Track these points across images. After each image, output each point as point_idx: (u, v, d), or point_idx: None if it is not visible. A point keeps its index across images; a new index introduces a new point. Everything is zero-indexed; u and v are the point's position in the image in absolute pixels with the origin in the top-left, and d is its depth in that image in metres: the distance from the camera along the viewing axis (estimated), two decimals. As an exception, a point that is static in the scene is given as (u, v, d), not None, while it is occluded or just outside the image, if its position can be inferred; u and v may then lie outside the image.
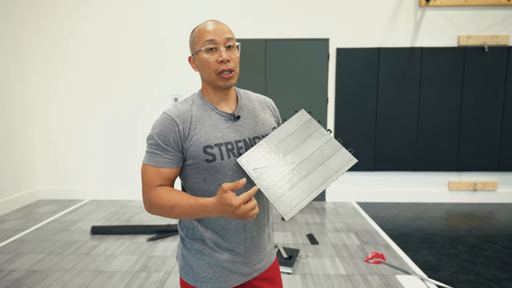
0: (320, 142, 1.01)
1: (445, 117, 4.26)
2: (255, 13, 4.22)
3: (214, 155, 0.98)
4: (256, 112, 1.10)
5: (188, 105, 1.03)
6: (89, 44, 4.34)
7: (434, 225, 3.55)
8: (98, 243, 3.08)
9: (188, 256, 1.06)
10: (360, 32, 4.22)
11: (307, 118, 1.04)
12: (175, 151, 0.98)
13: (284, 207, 0.92)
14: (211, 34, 0.96)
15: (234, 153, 1.00)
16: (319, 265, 2.63)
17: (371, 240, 3.13)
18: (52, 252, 2.88)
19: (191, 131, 0.98)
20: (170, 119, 0.98)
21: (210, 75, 0.98)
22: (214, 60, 0.97)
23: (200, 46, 0.98)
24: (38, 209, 4.12)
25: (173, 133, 0.97)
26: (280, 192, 0.94)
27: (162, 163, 0.97)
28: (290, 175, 0.96)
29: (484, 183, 4.33)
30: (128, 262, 2.71)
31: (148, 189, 0.99)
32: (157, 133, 0.98)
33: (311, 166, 0.97)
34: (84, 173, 4.50)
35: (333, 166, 0.98)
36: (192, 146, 0.98)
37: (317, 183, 0.95)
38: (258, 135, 1.06)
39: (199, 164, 0.98)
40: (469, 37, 4.16)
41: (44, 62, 4.37)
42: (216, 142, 0.99)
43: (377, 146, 4.31)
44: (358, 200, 4.43)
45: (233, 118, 1.04)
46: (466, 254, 2.83)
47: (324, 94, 4.30)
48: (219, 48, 0.97)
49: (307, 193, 0.94)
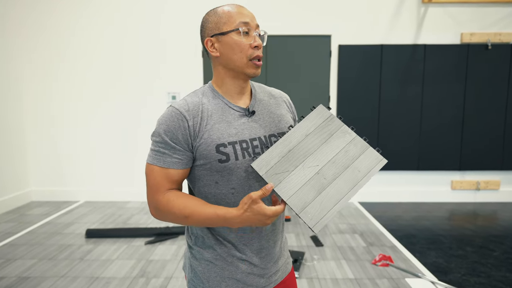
0: (344, 141, 0.89)
1: (448, 115, 4.20)
2: (255, 9, 4.11)
3: (228, 155, 0.87)
4: (272, 107, 0.99)
5: (198, 98, 0.91)
6: (86, 46, 4.19)
7: (439, 225, 3.48)
8: (93, 247, 2.94)
9: (198, 267, 0.95)
10: (363, 29, 4.14)
11: (327, 114, 0.92)
12: (184, 150, 0.87)
13: (311, 218, 0.81)
14: (246, 17, 0.88)
15: (249, 152, 0.89)
16: (325, 268, 2.53)
17: (376, 241, 3.05)
18: (44, 257, 2.74)
19: (202, 127, 0.87)
20: (178, 114, 0.86)
21: (241, 60, 0.88)
22: (248, 44, 0.88)
23: (232, 27, 0.87)
24: (30, 211, 3.96)
25: (182, 129, 0.85)
26: (304, 200, 0.83)
27: (170, 163, 0.86)
28: (314, 180, 0.85)
29: (487, 182, 4.28)
30: (126, 267, 2.58)
31: (155, 193, 0.87)
32: (164, 129, 0.86)
33: (337, 169, 0.86)
34: (78, 173, 4.35)
35: (362, 168, 0.87)
36: (204, 145, 0.86)
37: (346, 188, 0.85)
38: (274, 133, 0.95)
39: (211, 165, 0.87)
40: (472, 34, 4.10)
41: (35, 61, 4.21)
42: (230, 140, 0.88)
43: (379, 145, 4.23)
44: (361, 200, 4.35)
45: (247, 114, 0.93)
46: (474, 256, 2.76)
47: (326, 92, 4.21)
48: (251, 33, 0.88)
49: (336, 200, 0.83)
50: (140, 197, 4.35)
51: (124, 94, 4.25)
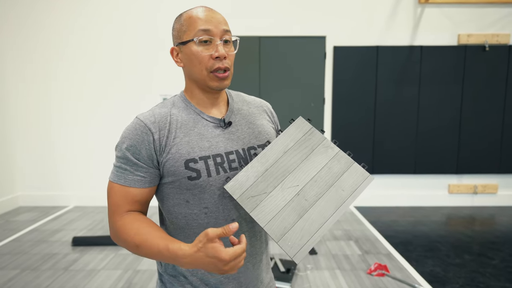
0: (327, 157, 0.81)
1: (445, 117, 4.12)
2: (249, 9, 4.02)
3: (198, 171, 0.78)
4: (251, 117, 0.90)
5: (167, 109, 0.82)
6: (78, 47, 4.08)
7: (436, 231, 3.40)
8: (79, 256, 2.84)
9: None
10: (358, 30, 4.06)
11: (307, 127, 0.84)
12: (148, 167, 0.78)
13: (292, 246, 0.72)
14: (206, 23, 0.78)
15: (224, 167, 0.80)
16: (319, 278, 2.45)
17: (372, 249, 2.96)
18: (27, 267, 2.63)
19: (170, 141, 0.78)
20: (143, 126, 0.78)
21: (201, 72, 0.80)
22: (208, 55, 0.78)
23: (190, 36, 0.78)
24: (17, 217, 3.85)
25: (146, 143, 0.77)
26: (284, 225, 0.74)
27: (131, 181, 0.78)
28: (294, 202, 0.76)
29: (484, 186, 4.22)
30: (111, 278, 2.48)
31: (113, 214, 0.78)
32: (126, 143, 0.78)
33: (319, 188, 0.78)
34: (67, 177, 4.24)
35: (347, 187, 0.78)
36: (171, 160, 0.77)
37: (330, 210, 0.76)
38: (253, 145, 0.86)
39: (180, 183, 0.78)
40: (470, 35, 4.03)
41: (20, 62, 4.09)
42: (202, 155, 0.79)
43: (375, 148, 4.15)
44: (356, 205, 4.27)
45: (223, 125, 0.84)
46: (473, 264, 2.68)
47: (321, 94, 4.12)
48: (214, 41, 0.78)
49: (319, 224, 0.74)
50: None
51: (116, 95, 4.15)
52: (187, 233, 0.82)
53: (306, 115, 4.12)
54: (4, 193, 4.07)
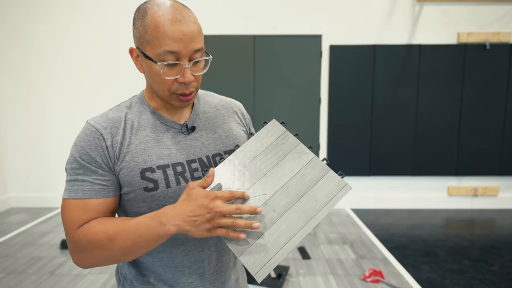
0: (300, 163, 0.73)
1: (444, 118, 4.03)
2: (243, 7, 3.94)
3: (156, 182, 0.70)
4: (218, 120, 0.82)
5: (122, 113, 0.74)
6: (75, 45, 4.01)
7: (434, 235, 3.31)
8: (66, 259, 2.77)
9: None
10: (355, 28, 3.97)
11: (281, 131, 0.76)
12: (108, 173, 0.70)
13: (254, 262, 0.65)
14: (175, 43, 0.64)
15: (185, 177, 0.73)
16: (311, 285, 2.36)
17: (367, 253, 2.88)
18: (13, 271, 2.57)
19: (124, 148, 0.70)
20: (94, 131, 0.70)
21: (163, 92, 0.70)
22: (173, 79, 0.68)
23: (153, 53, 0.66)
24: (8, 218, 3.79)
25: (99, 150, 0.69)
26: (247, 239, 0.66)
27: (92, 191, 0.68)
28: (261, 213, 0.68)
29: (485, 188, 4.12)
30: (97, 283, 2.41)
31: (71, 231, 0.68)
32: (79, 152, 0.70)
33: (289, 198, 0.70)
34: (59, 178, 4.17)
35: (320, 197, 0.70)
36: (126, 169, 0.70)
37: (300, 223, 0.68)
38: (219, 151, 0.78)
39: (136, 194, 0.70)
40: (470, 34, 3.94)
41: (12, 61, 4.03)
42: (160, 164, 0.71)
43: (372, 149, 4.07)
44: (353, 207, 4.18)
45: (185, 131, 0.76)
46: (471, 270, 2.59)
47: (317, 94, 4.04)
48: (182, 64, 0.67)
49: (287, 238, 0.66)
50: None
51: (106, 97, 4.08)
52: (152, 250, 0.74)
53: (302, 115, 4.04)
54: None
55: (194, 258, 0.76)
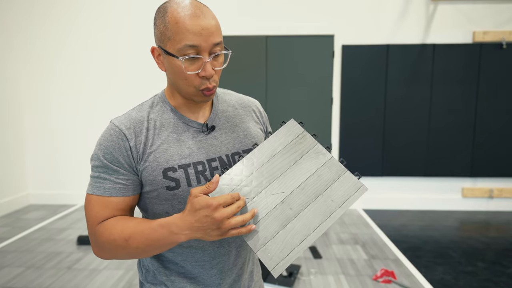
0: (317, 164, 0.74)
1: (458, 118, 3.97)
2: (255, 8, 3.97)
3: (177, 181, 0.73)
4: (236, 119, 0.84)
5: (145, 112, 0.76)
6: (84, 44, 4.12)
7: (447, 237, 3.27)
8: (83, 255, 2.85)
9: None
10: (367, 28, 3.95)
11: (299, 131, 0.78)
12: (129, 173, 0.73)
13: (271, 258, 0.67)
14: (195, 37, 0.66)
15: (206, 176, 0.75)
16: (322, 284, 2.37)
17: (379, 254, 2.86)
18: (32, 266, 2.66)
19: (147, 148, 0.73)
20: (118, 132, 0.73)
21: (187, 89, 0.72)
22: (195, 74, 0.70)
23: (175, 48, 0.68)
24: (26, 215, 3.92)
25: (123, 150, 0.72)
26: (265, 235, 0.68)
27: (112, 190, 0.72)
28: (278, 211, 0.70)
29: (500, 190, 4.03)
30: (112, 278, 2.47)
31: (92, 226, 0.73)
32: (103, 151, 0.73)
33: (306, 197, 0.71)
34: (76, 176, 4.29)
35: (336, 198, 0.71)
36: (149, 169, 0.72)
37: (316, 221, 0.69)
38: (238, 150, 0.81)
39: (158, 192, 0.73)
40: (486, 32, 3.87)
41: (33, 63, 4.16)
42: (181, 163, 0.73)
43: (385, 149, 4.03)
44: (365, 207, 4.16)
45: (205, 130, 0.78)
46: (486, 272, 2.55)
47: (329, 94, 4.03)
48: (203, 58, 0.69)
49: (302, 236, 0.68)
50: (137, 201, 4.26)
51: (122, 98, 4.17)
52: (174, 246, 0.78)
53: (314, 115, 4.04)
54: (15, 191, 4.15)
55: (213, 254, 0.78)
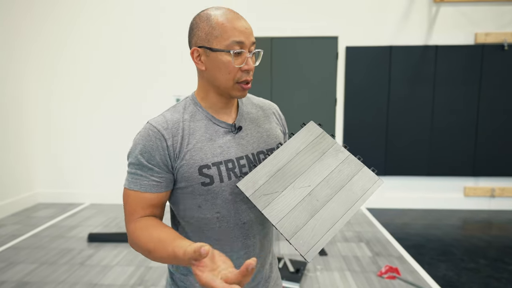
0: (337, 160, 0.83)
1: (460, 118, 4.03)
2: (260, 10, 4.04)
3: (211, 177, 0.80)
4: (260, 121, 0.92)
5: (179, 114, 0.83)
6: (88, 44, 4.20)
7: (450, 235, 3.33)
8: (94, 252, 2.93)
9: None
10: (371, 29, 4.01)
11: (318, 131, 0.86)
12: (163, 171, 0.79)
13: (303, 244, 0.74)
14: (241, 35, 0.77)
15: (235, 173, 0.82)
16: (328, 279, 2.44)
17: (383, 251, 2.93)
18: (45, 262, 2.74)
19: (184, 147, 0.80)
20: (156, 132, 0.79)
21: (227, 82, 0.80)
22: (238, 67, 0.78)
23: (223, 45, 0.77)
24: (36, 213, 4.00)
25: (160, 150, 0.78)
26: (296, 224, 0.76)
27: (147, 186, 0.78)
28: (306, 202, 0.78)
29: (502, 189, 4.09)
30: (124, 274, 2.55)
31: (129, 221, 0.80)
32: (140, 149, 0.79)
33: (330, 190, 0.79)
34: (84, 176, 4.37)
35: (357, 190, 0.80)
36: (185, 166, 0.79)
37: (341, 211, 0.77)
38: (262, 150, 0.88)
39: (193, 188, 0.80)
40: (487, 34, 3.92)
41: (42, 63, 4.24)
42: (214, 161, 0.80)
43: (388, 149, 4.10)
44: (368, 206, 4.22)
45: (233, 130, 0.85)
46: (488, 269, 2.62)
47: (333, 94, 4.10)
48: (245, 53, 0.78)
49: (330, 224, 0.76)
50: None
51: (128, 98, 4.25)
52: (200, 236, 0.84)
53: (318, 115, 4.11)
54: (24, 190, 4.23)
55: (241, 245, 0.85)
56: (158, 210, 0.82)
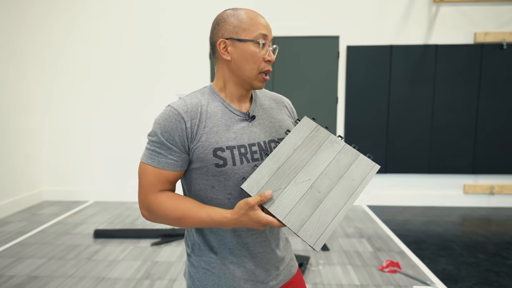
0: (334, 151, 0.86)
1: (460, 117, 4.08)
2: (262, 9, 4.09)
3: (225, 159, 0.86)
4: (273, 111, 0.98)
5: (198, 99, 0.90)
6: (90, 42, 4.26)
7: (450, 231, 3.38)
8: (101, 247, 2.98)
9: (196, 275, 0.94)
10: (372, 29, 4.07)
11: (313, 125, 0.90)
12: (180, 152, 0.86)
13: (311, 235, 0.78)
14: (265, 29, 0.88)
15: (247, 158, 0.88)
16: (330, 274, 2.50)
17: (384, 246, 2.99)
18: (53, 257, 2.79)
19: (200, 130, 0.86)
20: (176, 114, 0.85)
21: (252, 71, 0.88)
22: (262, 57, 0.87)
23: (251, 36, 0.86)
24: (41, 210, 4.05)
25: (179, 130, 0.84)
26: (301, 217, 0.80)
27: (165, 164, 0.85)
28: (309, 195, 0.82)
29: (501, 186, 4.15)
30: (131, 268, 2.60)
31: (147, 193, 0.87)
32: (161, 129, 0.85)
33: (330, 180, 0.83)
34: (88, 174, 4.43)
35: (356, 177, 0.83)
36: (201, 147, 0.85)
37: (343, 200, 0.81)
38: (274, 138, 0.94)
39: (207, 169, 0.86)
40: (487, 33, 3.98)
41: (45, 62, 4.30)
42: (228, 145, 0.87)
43: (388, 147, 4.15)
44: (369, 204, 4.28)
45: (247, 118, 0.92)
46: (487, 263, 2.67)
47: (334, 93, 4.15)
48: (267, 46, 0.88)
49: (334, 213, 0.80)
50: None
51: (133, 95, 4.30)
52: None
53: (319, 114, 4.16)
54: (30, 188, 4.29)
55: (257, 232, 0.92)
56: (172, 186, 0.90)
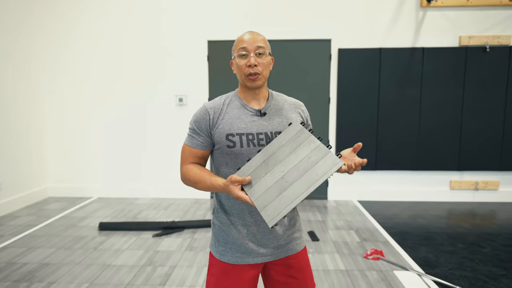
0: (309, 149, 1.02)
1: (446, 116, 4.29)
2: (255, 14, 4.30)
3: (234, 142, 1.13)
4: (284, 110, 1.22)
5: (222, 100, 1.21)
6: (91, 42, 4.45)
7: (434, 224, 3.59)
8: (106, 238, 3.19)
9: (214, 228, 1.24)
10: (362, 32, 4.28)
11: (298, 128, 1.08)
12: (205, 136, 1.17)
13: (269, 215, 0.97)
14: (245, 43, 1.14)
15: (254, 143, 1.13)
16: (319, 260, 2.70)
17: (371, 237, 3.19)
18: (62, 247, 3.00)
19: (219, 120, 1.16)
20: (205, 109, 1.18)
21: (241, 76, 1.16)
22: (244, 64, 1.14)
23: (236, 52, 1.16)
24: (47, 206, 4.25)
25: (205, 121, 1.17)
26: (267, 200, 0.99)
27: (195, 144, 1.18)
28: (278, 183, 1.00)
29: (485, 182, 4.36)
30: (134, 256, 2.81)
31: (182, 163, 1.21)
32: (194, 120, 1.19)
33: (298, 173, 1.00)
34: (92, 171, 4.62)
35: (319, 171, 0.99)
36: (218, 133, 1.15)
37: (302, 189, 0.98)
38: (280, 130, 1.16)
39: (222, 149, 1.15)
40: (471, 37, 4.19)
41: (50, 60, 4.49)
42: (238, 132, 1.14)
43: (378, 145, 4.36)
44: (360, 199, 4.48)
45: (259, 114, 1.18)
46: (464, 251, 2.88)
47: (326, 94, 4.36)
48: (249, 55, 1.13)
49: (291, 199, 0.97)
50: (148, 194, 4.60)
51: (134, 94, 4.50)
52: None
53: (312, 114, 4.36)
54: (36, 184, 4.49)
55: None
56: (201, 161, 1.21)
